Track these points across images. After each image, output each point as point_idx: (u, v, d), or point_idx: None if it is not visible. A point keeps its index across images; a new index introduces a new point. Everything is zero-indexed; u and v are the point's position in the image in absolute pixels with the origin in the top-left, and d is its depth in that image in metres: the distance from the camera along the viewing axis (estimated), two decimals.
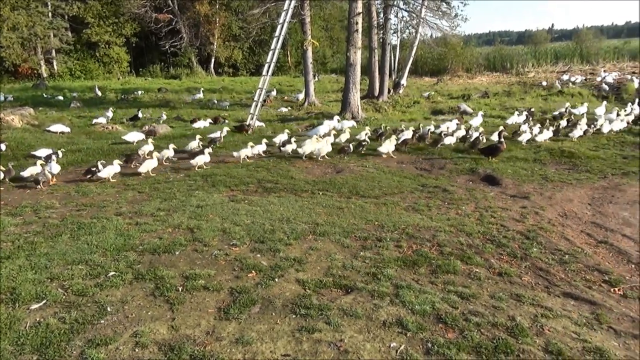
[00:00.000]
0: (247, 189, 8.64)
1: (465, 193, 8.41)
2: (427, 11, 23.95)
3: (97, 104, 21.95)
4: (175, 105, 21.89)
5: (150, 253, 5.50)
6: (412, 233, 6.30)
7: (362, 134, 12.58)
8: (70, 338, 3.81)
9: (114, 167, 9.35)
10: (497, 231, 6.47)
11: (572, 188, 8.68)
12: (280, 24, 16.71)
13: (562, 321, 4.27)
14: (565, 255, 5.74)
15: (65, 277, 4.83)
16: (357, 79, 17.81)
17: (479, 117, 16.29)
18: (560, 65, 39.33)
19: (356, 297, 4.57)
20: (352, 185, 8.79)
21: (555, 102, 22.35)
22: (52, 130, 14.56)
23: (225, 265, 5.24)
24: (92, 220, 6.66)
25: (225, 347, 3.72)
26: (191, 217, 6.81)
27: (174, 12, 38.33)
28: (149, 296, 4.52)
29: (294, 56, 43.68)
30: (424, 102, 23.13)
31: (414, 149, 12.15)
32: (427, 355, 3.69)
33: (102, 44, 37.73)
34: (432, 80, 33.61)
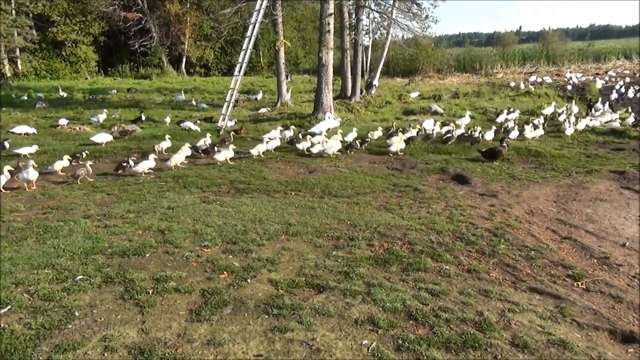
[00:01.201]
0: (219, 190, 8.58)
1: (436, 192, 8.55)
2: (398, 12, 24.19)
3: (63, 105, 21.40)
4: (145, 106, 21.51)
5: (120, 256, 5.41)
6: (383, 232, 6.37)
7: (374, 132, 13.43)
8: (37, 344, 3.72)
9: (149, 161, 9.61)
10: (466, 229, 6.60)
11: (538, 186, 8.92)
12: (252, 23, 16.63)
13: (528, 315, 4.39)
14: (532, 251, 5.90)
15: (31, 282, 4.71)
16: (330, 80, 17.87)
17: (467, 117, 16.75)
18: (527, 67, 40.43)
19: (328, 296, 4.60)
20: (324, 185, 8.82)
21: (523, 102, 22.95)
22: (16, 131, 14.11)
23: (197, 267, 5.20)
24: (58, 223, 6.50)
25: (197, 349, 3.70)
26: (162, 218, 6.72)
27: (143, 10, 37.69)
28: (119, 299, 4.45)
29: (266, 56, 43.49)
30: (396, 102, 23.37)
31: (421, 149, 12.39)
32: (398, 352, 3.75)
33: (68, 43, 36.76)
34: (404, 81, 34.00)
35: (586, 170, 9.95)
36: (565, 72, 34.04)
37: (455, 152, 11.78)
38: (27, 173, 8.54)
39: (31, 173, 8.56)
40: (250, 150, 11.30)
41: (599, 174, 9.65)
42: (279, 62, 21.50)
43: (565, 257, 5.85)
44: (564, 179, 9.39)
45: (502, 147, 11.00)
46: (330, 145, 11.62)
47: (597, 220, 7.23)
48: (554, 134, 14.34)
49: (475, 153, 11.62)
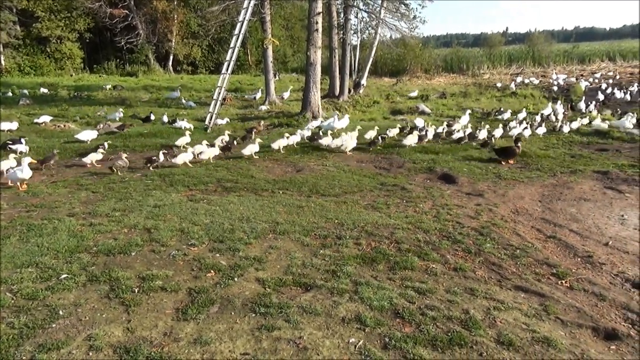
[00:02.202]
0: (206, 188, 8.53)
1: (423, 191, 8.60)
2: (386, 12, 24.30)
3: (48, 102, 21.09)
4: (131, 104, 21.30)
5: (105, 254, 5.36)
6: (371, 231, 6.39)
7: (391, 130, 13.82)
8: (20, 343, 3.67)
9: (187, 154, 10.11)
10: (452, 228, 6.65)
11: (523, 186, 9.02)
12: (240, 22, 16.56)
13: (513, 313, 4.44)
14: (517, 250, 5.96)
15: (14, 281, 4.64)
16: (318, 79, 17.86)
17: (467, 116, 16.91)
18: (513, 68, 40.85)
19: (315, 294, 4.60)
20: (312, 184, 8.82)
21: (509, 102, 23.15)
22: (1, 128, 13.86)
23: (184, 266, 5.17)
24: (42, 221, 6.41)
25: (183, 348, 3.68)
26: (148, 217, 6.67)
27: (129, 7, 37.27)
28: (104, 298, 4.41)
29: (254, 55, 43.35)
30: (384, 102, 23.44)
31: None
32: (384, 350, 3.76)
33: (53, 39, 36.20)
34: (392, 81, 34.10)
35: (570, 170, 10.08)
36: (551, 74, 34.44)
37: (443, 151, 11.86)
38: (21, 171, 8.29)
39: (25, 171, 8.32)
40: (271, 145, 11.69)
41: (583, 174, 9.78)
42: (267, 60, 21.44)
43: (550, 255, 5.92)
44: (549, 179, 9.50)
45: (517, 146, 10.99)
46: (346, 141, 11.96)
47: (581, 219, 7.33)
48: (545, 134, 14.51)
49: (462, 153, 11.72)
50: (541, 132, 14.44)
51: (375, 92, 26.75)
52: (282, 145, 11.80)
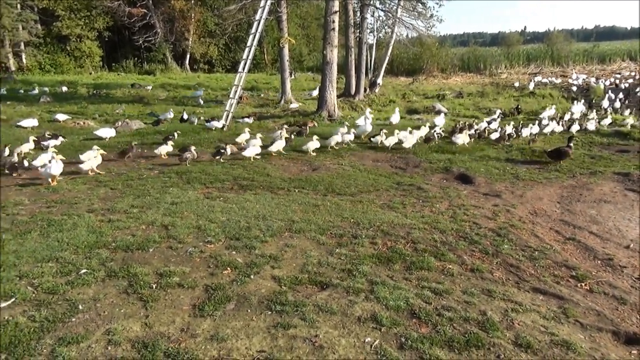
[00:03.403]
0: (223, 186, 8.58)
1: (440, 191, 8.54)
2: (403, 11, 24.16)
3: (67, 99, 21.42)
4: (149, 101, 21.53)
5: (124, 250, 5.42)
6: (387, 230, 6.37)
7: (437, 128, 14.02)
8: (40, 336, 3.73)
9: (256, 148, 10.71)
10: (469, 228, 6.60)
11: (542, 187, 8.90)
12: (257, 20, 16.61)
13: (531, 315, 4.39)
14: (535, 251, 5.89)
15: (35, 275, 4.72)
16: (334, 78, 17.85)
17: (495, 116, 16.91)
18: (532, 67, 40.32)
19: (331, 293, 4.60)
20: (328, 182, 8.82)
21: (527, 102, 22.88)
22: (24, 125, 14.09)
23: (200, 263, 5.20)
24: (62, 217, 6.51)
25: (200, 344, 3.71)
26: (165, 214, 6.73)
27: (148, 6, 37.61)
28: (122, 294, 4.46)
29: (270, 54, 43.44)
30: (400, 101, 23.35)
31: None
32: (400, 350, 3.75)
33: (73, 38, 36.74)
34: (408, 80, 33.94)
35: (590, 172, 9.93)
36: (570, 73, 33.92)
37: (460, 151, 11.76)
38: (51, 168, 8.33)
39: (54, 167, 8.34)
40: (325, 141, 11.98)
41: (603, 176, 9.62)
42: (283, 59, 21.47)
43: (569, 257, 5.84)
44: (568, 180, 9.36)
45: (569, 146, 10.80)
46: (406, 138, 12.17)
47: (601, 221, 7.21)
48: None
49: (479, 153, 11.60)
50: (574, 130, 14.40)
51: (391, 91, 26.65)
52: (335, 142, 12.00)
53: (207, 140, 12.93)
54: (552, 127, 14.34)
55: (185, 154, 10.15)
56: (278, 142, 11.28)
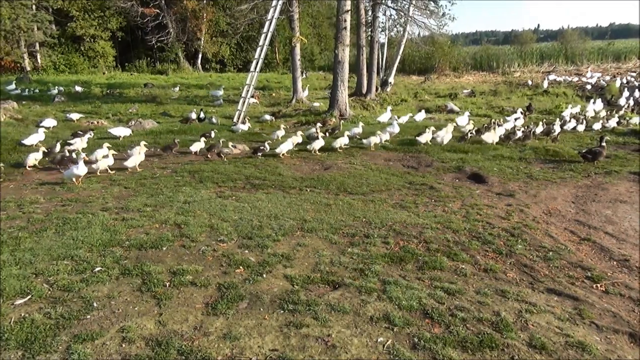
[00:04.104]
0: (235, 185, 8.61)
1: (452, 191, 8.49)
2: (415, 10, 24.01)
3: (81, 99, 21.67)
4: (161, 101, 21.70)
5: (137, 248, 5.47)
6: (399, 230, 6.34)
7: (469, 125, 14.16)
8: (56, 333, 3.78)
9: (320, 141, 11.14)
10: (482, 228, 6.55)
11: (556, 186, 8.80)
12: (269, 20, 16.66)
13: (546, 316, 4.34)
14: (549, 252, 5.83)
15: (51, 273, 4.78)
16: (346, 77, 17.83)
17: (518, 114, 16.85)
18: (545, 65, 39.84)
19: (344, 292, 4.59)
20: (339, 182, 8.81)
21: (541, 101, 22.65)
22: (45, 125, 14.24)
23: (213, 261, 5.23)
24: (77, 215, 6.59)
25: (213, 342, 3.72)
26: (178, 212, 6.78)
27: (160, 6, 37.91)
28: (136, 291, 4.50)
29: (281, 53, 43.50)
30: (412, 100, 23.25)
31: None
32: (413, 350, 3.73)
33: (87, 38, 37.21)
34: (420, 79, 33.77)
35: (605, 171, 9.80)
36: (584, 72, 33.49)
37: (472, 150, 11.67)
38: (77, 168, 8.33)
39: (80, 168, 8.34)
40: (364, 141, 12.14)
41: (618, 175, 9.49)
42: (295, 58, 21.48)
43: (584, 258, 5.77)
44: (583, 180, 9.25)
45: (602, 146, 10.65)
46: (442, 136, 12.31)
47: (616, 221, 7.11)
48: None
49: (492, 152, 11.50)
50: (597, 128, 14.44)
51: (403, 90, 26.54)
52: (376, 141, 12.04)
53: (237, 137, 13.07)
54: (574, 126, 14.26)
55: (223, 149, 10.61)
56: (318, 141, 11.48)
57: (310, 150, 11.41)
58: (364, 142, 12.13)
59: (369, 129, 13.96)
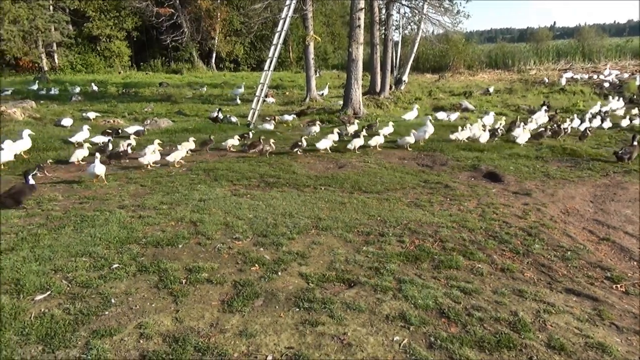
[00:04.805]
0: (250, 183, 8.65)
1: (468, 189, 8.42)
2: (429, 7, 23.88)
3: (98, 98, 21.93)
4: (176, 100, 21.86)
5: (154, 246, 5.51)
6: (414, 228, 6.31)
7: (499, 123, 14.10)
8: (75, 329, 3.82)
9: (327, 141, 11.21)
10: (499, 227, 6.48)
11: (574, 185, 8.69)
12: (283, 18, 16.68)
13: (565, 317, 4.28)
14: (568, 251, 5.75)
15: (69, 269, 4.84)
16: (359, 75, 17.79)
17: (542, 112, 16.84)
18: (562, 63, 39.30)
19: (359, 291, 4.58)
20: (354, 180, 8.79)
21: (557, 99, 22.37)
22: (64, 124, 14.45)
23: (229, 259, 5.25)
24: (95, 212, 6.66)
25: (230, 339, 3.74)
26: (194, 210, 6.82)
27: (175, 6, 38.19)
28: (153, 288, 4.53)
29: (295, 51, 43.55)
30: (426, 98, 23.11)
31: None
32: (430, 349, 3.70)
33: (103, 38, 37.65)
34: (434, 77, 33.57)
35: (625, 170, 9.64)
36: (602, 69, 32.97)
37: (488, 149, 11.56)
38: (94, 167, 8.35)
39: (98, 167, 8.36)
40: (398, 141, 12.09)
41: (638, 174, 9.32)
42: (308, 57, 21.49)
43: (603, 258, 5.68)
44: (602, 179, 9.11)
45: (633, 146, 10.53)
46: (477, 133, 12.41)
47: (636, 221, 6.99)
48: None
49: (508, 150, 11.38)
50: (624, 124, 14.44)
51: (417, 88, 26.40)
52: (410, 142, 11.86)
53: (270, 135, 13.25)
54: (599, 123, 14.14)
55: (265, 146, 10.94)
56: (358, 139, 11.57)
57: (351, 148, 11.45)
58: (399, 141, 12.00)
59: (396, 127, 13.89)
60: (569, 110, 19.15)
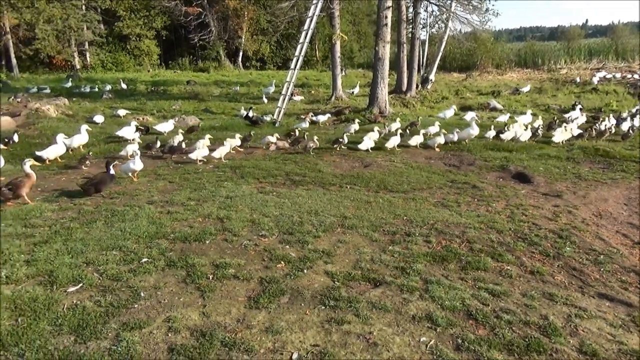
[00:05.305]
0: (275, 181, 8.69)
1: (496, 190, 8.28)
2: (458, 5, 23.55)
3: (127, 96, 22.38)
4: (203, 98, 22.13)
5: (182, 241, 5.59)
6: (441, 229, 6.24)
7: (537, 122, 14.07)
8: (106, 321, 3.91)
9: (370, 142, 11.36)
10: (528, 229, 6.35)
11: (607, 187, 8.45)
12: (309, 17, 16.69)
13: (597, 322, 4.17)
14: (600, 255, 5.60)
15: (100, 262, 4.95)
16: (386, 74, 17.67)
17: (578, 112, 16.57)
18: (594, 62, 38.23)
19: (385, 290, 4.55)
20: (380, 179, 8.75)
21: (589, 99, 21.79)
22: (96, 121, 14.80)
23: (255, 256, 5.29)
24: (125, 208, 6.79)
25: (256, 335, 3.76)
26: (221, 207, 6.89)
27: (203, 5, 38.66)
28: (181, 283, 4.60)
29: (321, 50, 43.60)
30: (453, 98, 22.83)
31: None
32: (457, 351, 3.66)
33: (133, 37, 38.44)
34: (461, 76, 33.14)
35: None
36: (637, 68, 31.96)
37: (517, 149, 11.35)
38: (133, 163, 8.51)
39: (137, 163, 8.51)
40: (428, 142, 11.99)
41: None
42: (335, 55, 21.45)
43: (638, 263, 5.51)
44: (636, 181, 8.84)
45: None
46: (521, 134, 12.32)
47: None
48: None
49: (537, 151, 11.15)
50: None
51: (443, 87, 26.10)
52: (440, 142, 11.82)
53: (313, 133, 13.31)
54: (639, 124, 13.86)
55: (309, 142, 11.21)
56: (395, 137, 11.62)
57: (389, 147, 11.46)
58: (428, 142, 11.86)
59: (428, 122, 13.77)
60: (601, 110, 18.63)
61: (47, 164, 9.77)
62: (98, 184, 7.44)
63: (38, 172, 8.05)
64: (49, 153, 9.87)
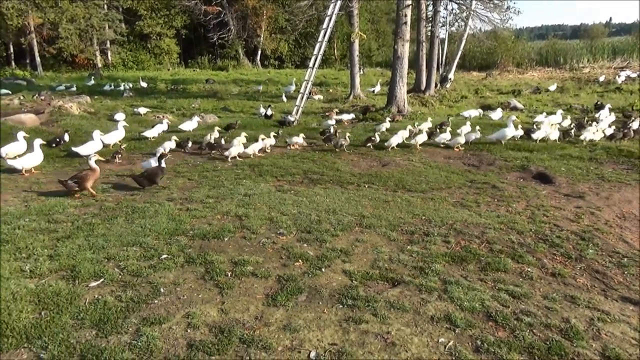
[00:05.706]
0: (293, 179, 8.71)
1: (516, 190, 8.17)
2: (478, 3, 23.31)
3: (147, 94, 22.66)
4: (222, 97, 22.29)
5: (201, 238, 5.64)
6: (460, 229, 6.18)
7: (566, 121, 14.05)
8: (126, 315, 3.96)
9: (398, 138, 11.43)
10: (550, 230, 6.25)
11: (631, 189, 8.27)
12: (328, 16, 16.68)
13: (620, 326, 4.09)
14: (624, 258, 5.49)
15: (121, 258, 5.01)
16: (404, 73, 17.57)
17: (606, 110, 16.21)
18: (618, 61, 37.44)
19: (403, 290, 4.53)
20: (398, 179, 8.70)
21: (612, 98, 21.34)
22: (117, 118, 15.03)
23: (273, 253, 5.30)
24: (145, 204, 6.88)
25: (274, 333, 3.78)
26: (239, 205, 6.93)
27: (222, 4, 38.95)
28: (200, 279, 4.64)
29: (339, 49, 43.55)
30: (472, 97, 22.59)
31: None
32: (476, 353, 3.62)
33: (153, 36, 38.91)
34: (481, 75, 32.77)
35: None
36: None
37: (537, 149, 11.18)
38: (155, 161, 8.54)
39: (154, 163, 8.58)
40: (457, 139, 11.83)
41: None
42: (353, 54, 21.42)
43: None
44: None
45: None
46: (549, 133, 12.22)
47: None
48: None
49: (559, 151, 10.97)
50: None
51: (463, 86, 25.84)
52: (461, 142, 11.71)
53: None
54: None
55: (340, 140, 11.30)
56: (421, 135, 11.68)
57: (414, 143, 11.53)
58: (450, 142, 11.73)
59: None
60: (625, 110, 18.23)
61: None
62: (151, 176, 7.86)
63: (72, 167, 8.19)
64: (86, 149, 10.03)
